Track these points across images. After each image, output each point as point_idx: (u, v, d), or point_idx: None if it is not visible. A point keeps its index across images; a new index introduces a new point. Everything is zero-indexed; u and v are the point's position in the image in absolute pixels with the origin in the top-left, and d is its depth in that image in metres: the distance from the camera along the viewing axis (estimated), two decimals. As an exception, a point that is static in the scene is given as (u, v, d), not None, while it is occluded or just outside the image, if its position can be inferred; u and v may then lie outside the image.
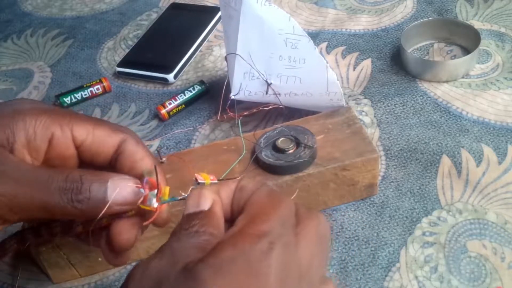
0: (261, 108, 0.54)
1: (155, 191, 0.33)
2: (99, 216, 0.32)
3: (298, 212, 0.29)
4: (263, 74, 0.52)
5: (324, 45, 0.66)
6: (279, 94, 0.53)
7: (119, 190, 0.32)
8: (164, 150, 0.57)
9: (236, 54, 0.52)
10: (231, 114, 0.53)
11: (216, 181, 0.42)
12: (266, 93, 0.53)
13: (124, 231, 0.34)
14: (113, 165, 0.35)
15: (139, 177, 0.34)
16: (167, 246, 0.28)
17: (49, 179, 0.32)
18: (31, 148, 0.33)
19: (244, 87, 0.54)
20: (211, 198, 0.30)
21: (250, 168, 0.47)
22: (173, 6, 0.78)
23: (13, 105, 0.34)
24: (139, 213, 0.34)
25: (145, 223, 0.34)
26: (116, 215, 0.34)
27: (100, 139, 0.35)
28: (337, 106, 0.52)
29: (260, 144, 0.47)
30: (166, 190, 0.34)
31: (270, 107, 0.54)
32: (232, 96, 0.54)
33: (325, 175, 0.46)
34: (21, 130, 0.32)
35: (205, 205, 0.29)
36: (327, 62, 0.50)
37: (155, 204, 0.33)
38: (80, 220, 0.35)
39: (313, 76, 0.50)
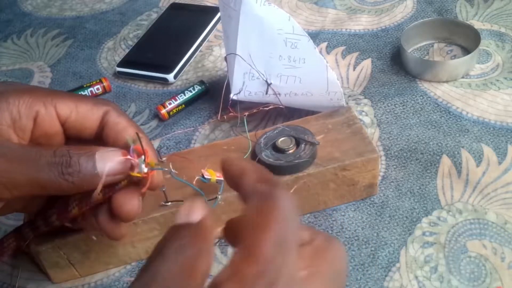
0: (261, 108, 0.54)
1: (143, 157, 0.34)
2: (97, 191, 0.33)
3: (314, 242, 0.27)
4: (263, 74, 0.52)
5: (324, 45, 0.66)
6: (279, 94, 0.53)
7: (107, 161, 0.32)
8: (164, 150, 0.57)
9: (235, 54, 0.52)
10: (233, 113, 0.54)
11: (222, 178, 0.43)
12: (266, 93, 0.53)
13: (126, 201, 0.35)
14: (99, 138, 0.36)
15: (125, 146, 0.34)
16: (149, 270, 0.25)
17: (36, 155, 0.32)
18: (16, 128, 0.33)
19: (244, 87, 0.54)
20: (202, 210, 0.28)
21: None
22: (173, 6, 0.78)
23: None
24: (131, 182, 0.35)
25: (142, 190, 0.35)
26: (110, 189, 0.34)
27: (84, 114, 0.35)
28: (337, 106, 0.52)
29: (260, 144, 0.47)
30: (151, 154, 0.34)
31: (270, 107, 0.54)
32: (232, 96, 0.54)
33: (325, 175, 0.46)
34: (4, 111, 0.33)
35: (196, 217, 0.28)
36: (327, 62, 0.50)
37: (144, 169, 0.34)
38: (74, 201, 0.35)
39: (313, 76, 0.50)
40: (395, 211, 0.47)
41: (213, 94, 0.63)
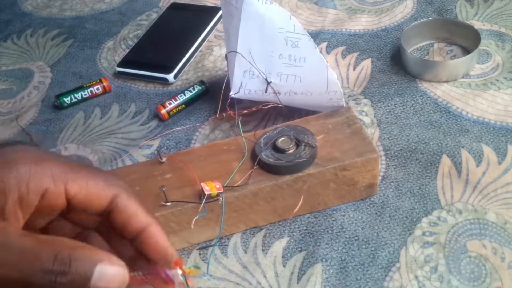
0: (260, 107, 0.54)
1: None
2: None
3: None
4: (263, 73, 0.52)
5: (324, 45, 0.66)
6: (278, 93, 0.53)
7: (107, 274, 0.31)
8: (164, 150, 0.57)
9: (236, 52, 0.52)
10: (230, 112, 0.53)
11: (222, 191, 0.43)
12: (266, 91, 0.53)
13: None
14: (105, 216, 0.35)
15: (132, 234, 0.34)
16: None
17: (35, 257, 0.30)
18: (23, 205, 0.32)
19: (244, 85, 0.54)
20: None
21: (250, 168, 0.47)
22: (173, 6, 0.78)
23: (5, 155, 0.33)
24: None
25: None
26: None
27: (93, 195, 0.34)
28: (337, 106, 0.52)
29: (260, 144, 0.47)
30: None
31: (270, 106, 0.54)
32: (232, 94, 0.54)
33: (325, 175, 0.46)
34: (14, 186, 0.32)
35: None
36: (327, 62, 0.50)
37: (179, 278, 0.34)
38: None
39: (313, 75, 0.50)
40: (395, 211, 0.47)
41: (213, 94, 0.63)
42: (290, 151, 0.46)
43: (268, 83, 0.52)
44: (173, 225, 0.46)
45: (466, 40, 0.61)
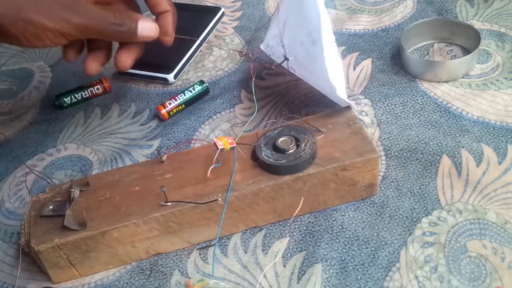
0: (273, 67, 0.58)
1: None
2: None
3: None
4: (285, 48, 0.53)
5: (324, 45, 0.66)
6: (294, 70, 0.54)
7: (145, 27, 0.51)
8: (164, 150, 0.57)
9: (276, 15, 0.56)
10: (249, 55, 0.63)
11: (234, 145, 0.44)
12: (280, 64, 0.55)
13: (123, 58, 0.54)
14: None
15: (159, 13, 0.54)
16: None
17: (105, 17, 0.49)
18: None
19: (271, 46, 0.58)
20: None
21: (250, 168, 0.47)
22: (173, 6, 0.78)
23: None
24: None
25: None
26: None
27: None
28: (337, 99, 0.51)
29: (260, 144, 0.47)
30: None
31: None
32: (261, 46, 0.59)
33: (325, 175, 0.46)
34: None
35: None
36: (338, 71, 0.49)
37: None
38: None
39: (319, 78, 0.51)
40: (395, 211, 0.47)
41: (213, 94, 0.63)
42: (290, 151, 0.46)
43: (287, 59, 0.54)
44: (173, 225, 0.46)
45: (466, 40, 0.61)
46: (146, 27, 0.51)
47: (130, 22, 0.50)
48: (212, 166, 0.45)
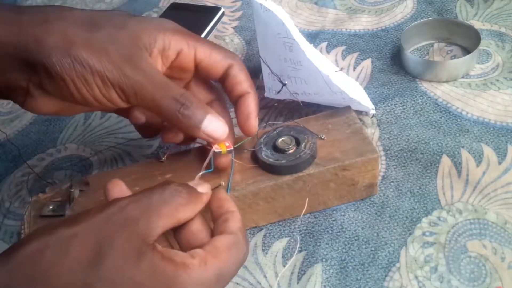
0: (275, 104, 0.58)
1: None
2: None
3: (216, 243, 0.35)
4: (278, 75, 0.53)
5: (324, 45, 0.66)
6: (296, 93, 0.53)
7: (211, 125, 0.42)
8: (164, 150, 0.57)
9: (260, 56, 0.55)
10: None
11: (231, 148, 0.44)
12: (278, 92, 0.55)
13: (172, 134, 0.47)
14: (221, 82, 0.45)
15: (236, 98, 0.45)
16: (138, 194, 0.35)
17: (169, 88, 0.41)
18: (163, 56, 0.42)
19: (271, 86, 0.57)
20: (207, 190, 0.39)
21: (250, 168, 0.47)
22: (173, 6, 0.78)
23: (160, 22, 0.43)
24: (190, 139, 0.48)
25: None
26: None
27: (214, 62, 0.44)
28: (356, 104, 0.51)
29: (260, 144, 0.47)
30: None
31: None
32: (265, 95, 0.58)
33: (325, 175, 0.46)
34: (160, 39, 0.42)
35: (200, 189, 0.38)
36: (324, 65, 0.49)
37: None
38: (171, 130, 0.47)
39: (312, 78, 0.50)
40: (395, 211, 0.47)
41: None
42: (290, 151, 0.46)
43: (284, 84, 0.53)
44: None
45: (466, 40, 0.61)
46: (214, 124, 0.42)
47: (197, 110, 0.41)
48: (202, 172, 0.43)
